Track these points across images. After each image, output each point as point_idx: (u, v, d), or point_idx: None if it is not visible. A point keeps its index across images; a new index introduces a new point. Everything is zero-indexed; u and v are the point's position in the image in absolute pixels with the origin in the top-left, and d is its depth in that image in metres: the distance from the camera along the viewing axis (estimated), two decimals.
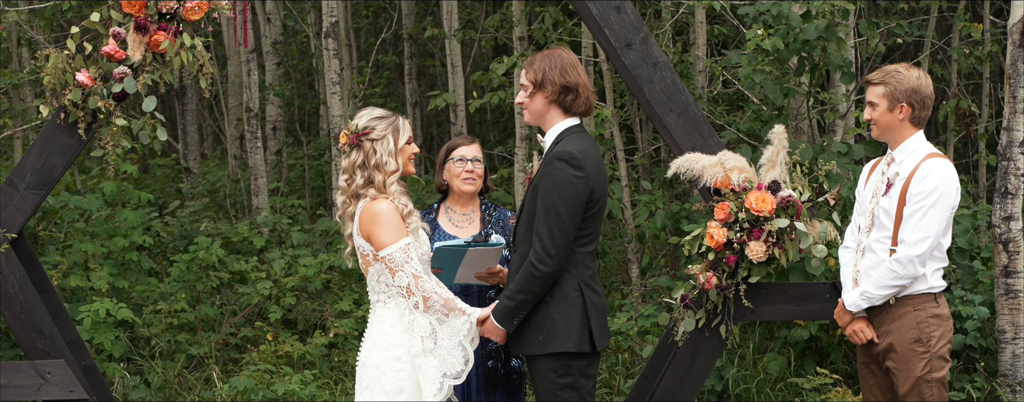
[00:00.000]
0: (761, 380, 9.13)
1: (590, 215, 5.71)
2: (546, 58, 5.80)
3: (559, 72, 5.76)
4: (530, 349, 5.78)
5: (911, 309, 5.93)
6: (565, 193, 5.60)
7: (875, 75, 6.00)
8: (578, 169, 5.62)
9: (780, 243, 6.58)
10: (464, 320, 5.70)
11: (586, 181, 5.64)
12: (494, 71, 10.68)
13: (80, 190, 13.26)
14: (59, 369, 6.89)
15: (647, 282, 11.20)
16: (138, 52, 6.82)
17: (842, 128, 10.27)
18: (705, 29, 11.53)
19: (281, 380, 9.31)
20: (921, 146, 6.00)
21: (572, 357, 5.72)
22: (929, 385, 5.89)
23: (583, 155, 5.65)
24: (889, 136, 6.04)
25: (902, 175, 5.94)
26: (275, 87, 14.86)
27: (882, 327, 6.01)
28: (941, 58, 12.97)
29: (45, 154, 6.95)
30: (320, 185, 15.43)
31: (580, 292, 5.73)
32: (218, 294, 11.09)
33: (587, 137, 5.79)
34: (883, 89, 5.96)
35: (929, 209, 5.82)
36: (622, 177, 11.24)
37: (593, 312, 5.75)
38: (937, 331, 5.92)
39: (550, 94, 5.78)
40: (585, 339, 5.72)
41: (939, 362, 5.92)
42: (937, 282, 5.96)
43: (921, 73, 6.00)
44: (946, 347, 5.94)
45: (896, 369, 5.95)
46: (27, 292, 6.94)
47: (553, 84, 5.75)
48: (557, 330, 5.70)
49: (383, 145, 5.77)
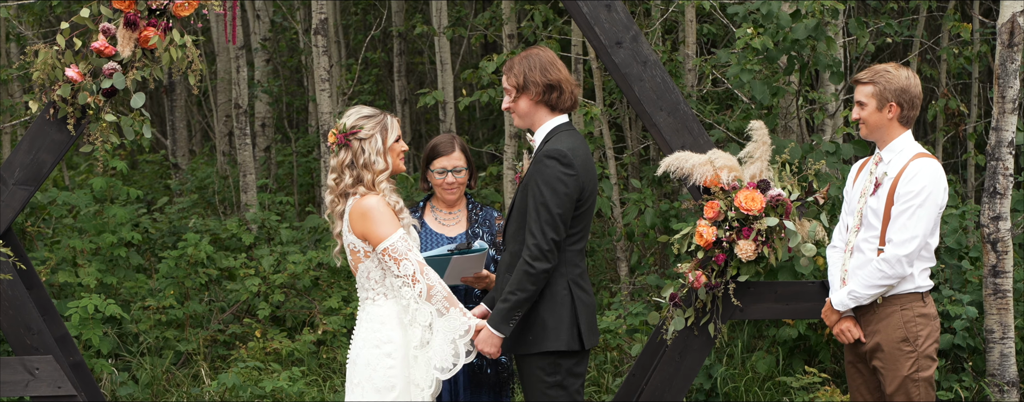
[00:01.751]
0: (749, 379, 9.15)
1: (580, 213, 5.72)
2: (524, 60, 5.81)
3: (540, 72, 5.76)
4: (519, 348, 5.79)
5: (898, 308, 5.94)
6: (556, 190, 5.61)
7: (864, 74, 6.01)
8: (568, 166, 5.63)
9: (769, 242, 6.59)
10: (463, 321, 5.69)
11: (576, 178, 5.65)
12: (484, 69, 10.68)
13: (69, 186, 13.24)
14: (47, 365, 6.88)
15: (636, 280, 11.20)
16: (127, 48, 6.81)
17: (831, 127, 10.28)
18: (695, 28, 11.54)
19: (269, 377, 9.30)
20: (909, 146, 6.02)
21: (561, 356, 5.73)
22: (916, 384, 5.91)
23: (573, 153, 5.66)
24: (877, 135, 6.05)
25: (890, 175, 5.95)
26: (264, 84, 14.85)
27: (869, 326, 6.02)
28: (930, 58, 12.99)
29: (34, 150, 6.94)
30: (309, 182, 15.42)
31: (569, 290, 5.74)
32: (206, 291, 11.08)
33: (576, 134, 5.80)
34: (872, 88, 5.97)
35: (917, 209, 5.83)
36: (611, 175, 11.25)
37: (582, 310, 5.75)
38: (924, 330, 5.94)
39: (534, 95, 5.79)
40: (574, 337, 5.73)
41: (926, 361, 5.93)
42: (924, 282, 5.97)
43: (910, 73, 6.01)
44: (933, 346, 5.96)
45: (883, 368, 5.96)
46: (15, 288, 6.92)
47: (536, 84, 5.76)
48: (546, 329, 5.71)
49: (371, 144, 5.76)
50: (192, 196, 14.00)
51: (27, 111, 7.76)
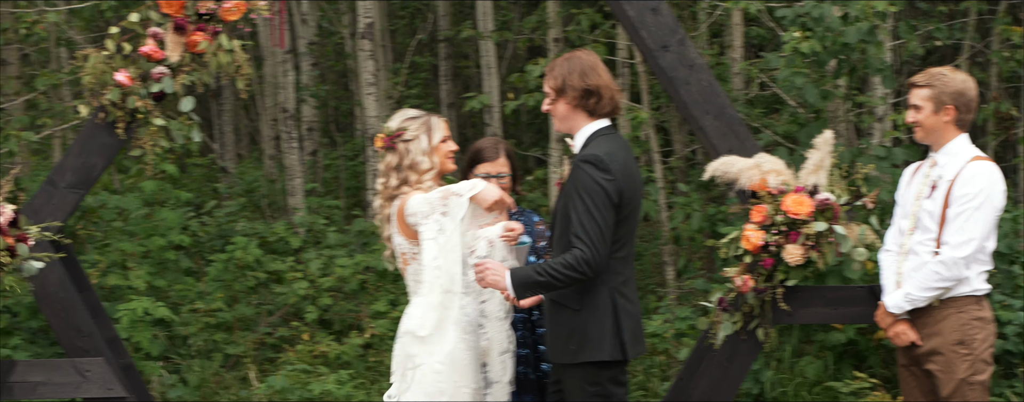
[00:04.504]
0: (798, 384, 9.10)
1: (621, 218, 5.57)
2: (565, 62, 5.69)
3: (578, 76, 5.63)
4: (562, 357, 5.72)
5: (955, 311, 5.90)
6: (594, 196, 5.47)
7: (920, 77, 5.97)
8: (605, 171, 5.48)
9: (818, 246, 6.55)
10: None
11: (614, 183, 5.49)
12: (530, 73, 10.68)
13: (118, 189, 13.34)
14: (98, 367, 6.94)
15: (683, 285, 11.17)
16: (176, 52, 6.86)
17: (879, 131, 10.22)
18: (742, 31, 11.50)
19: (317, 380, 9.34)
20: (965, 149, 5.97)
21: (602, 366, 5.64)
22: (972, 388, 5.86)
23: (610, 157, 5.52)
24: (933, 139, 6.01)
25: (946, 178, 5.91)
26: (311, 88, 14.91)
27: (925, 329, 5.97)
28: (980, 61, 12.89)
29: (84, 153, 7.00)
30: (356, 186, 15.46)
31: (611, 299, 5.62)
32: (255, 294, 11.13)
33: (617, 139, 5.69)
34: (929, 92, 5.93)
35: (974, 212, 5.79)
36: (658, 179, 11.22)
37: (625, 319, 5.63)
38: (980, 334, 5.89)
39: (571, 99, 5.65)
40: (617, 347, 5.62)
41: (982, 365, 5.89)
42: (981, 285, 5.93)
43: (966, 76, 5.97)
44: (989, 350, 5.91)
45: (939, 371, 5.91)
46: (66, 290, 6.99)
47: (573, 89, 5.63)
48: (589, 338, 5.61)
49: (416, 144, 5.79)
50: (240, 200, 14.07)
51: (77, 115, 7.83)
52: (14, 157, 10.03)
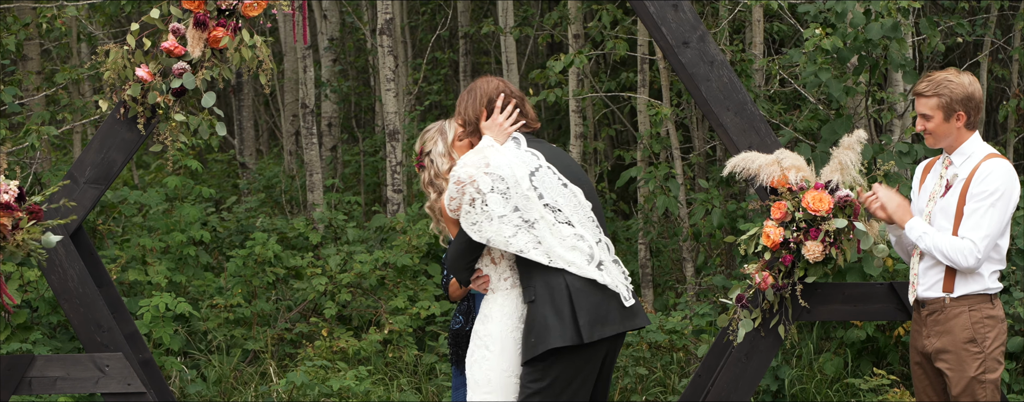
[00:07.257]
0: (818, 381, 9.08)
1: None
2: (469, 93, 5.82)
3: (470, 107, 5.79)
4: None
5: (966, 309, 5.87)
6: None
7: (925, 87, 5.90)
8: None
9: (837, 243, 6.53)
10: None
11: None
12: (550, 68, 10.67)
13: (138, 185, 13.38)
14: (117, 362, 6.95)
15: (702, 281, 11.15)
16: (197, 48, 6.86)
17: (900, 127, 10.18)
18: (762, 27, 11.47)
19: (336, 376, 9.35)
20: (979, 148, 5.94)
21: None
22: (983, 386, 5.84)
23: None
24: (946, 143, 5.97)
25: (961, 176, 5.88)
26: (331, 83, 14.93)
27: (936, 327, 5.95)
28: (1002, 57, 12.83)
29: (104, 149, 7.01)
30: (375, 182, 15.48)
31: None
32: (274, 289, 11.15)
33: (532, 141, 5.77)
34: (937, 101, 5.88)
35: (989, 208, 5.76)
36: (678, 175, 11.20)
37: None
38: (991, 332, 5.87)
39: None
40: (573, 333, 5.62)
41: (993, 363, 5.86)
42: (993, 284, 5.90)
43: (970, 76, 5.92)
44: (1000, 349, 5.89)
45: (949, 370, 5.89)
46: (86, 286, 7.00)
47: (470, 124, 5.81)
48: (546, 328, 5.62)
49: (436, 151, 6.01)
50: (260, 195, 14.10)
51: (98, 110, 7.85)
52: (35, 152, 10.06)
